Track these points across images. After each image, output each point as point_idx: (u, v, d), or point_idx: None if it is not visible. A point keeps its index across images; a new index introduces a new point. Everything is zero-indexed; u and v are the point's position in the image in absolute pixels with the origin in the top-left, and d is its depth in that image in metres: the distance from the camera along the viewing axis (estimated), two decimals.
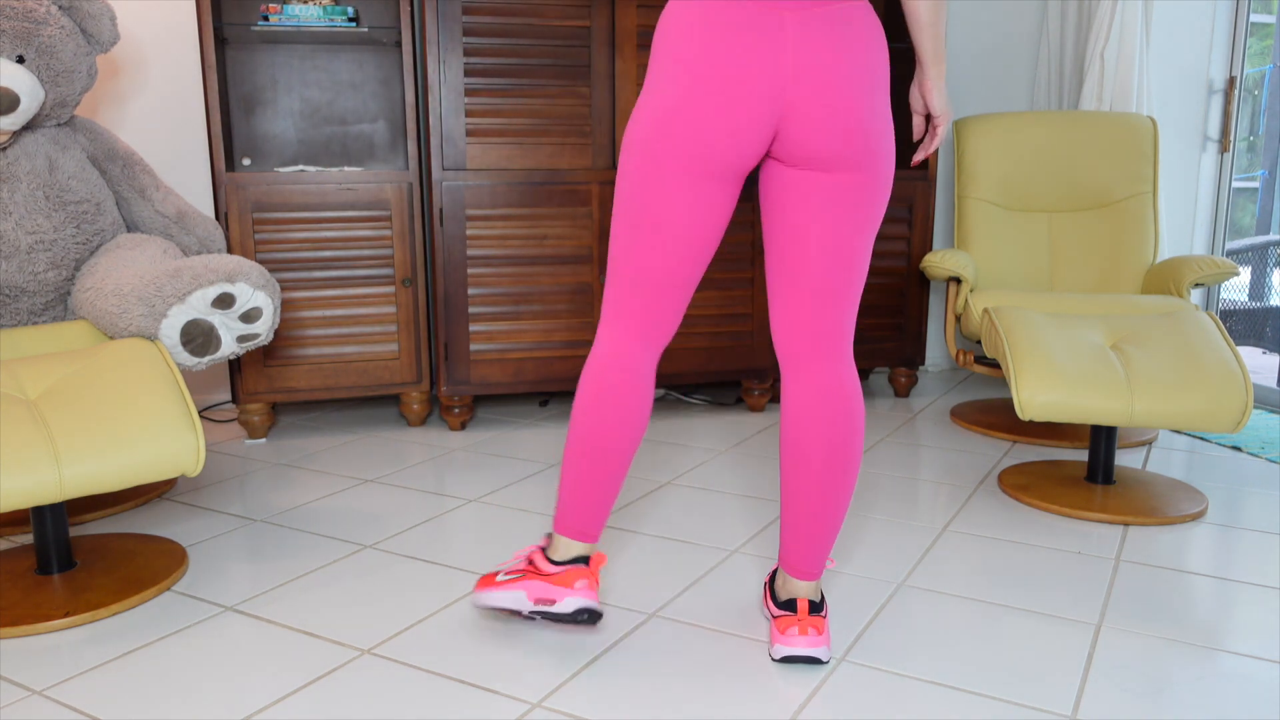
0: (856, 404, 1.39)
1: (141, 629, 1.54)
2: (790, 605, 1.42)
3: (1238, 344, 3.66)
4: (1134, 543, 1.89)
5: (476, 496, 2.18)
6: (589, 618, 1.41)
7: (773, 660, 1.43)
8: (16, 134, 1.91)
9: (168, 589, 1.70)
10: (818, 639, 1.39)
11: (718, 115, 1.26)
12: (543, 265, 2.70)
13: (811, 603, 1.42)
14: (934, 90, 1.45)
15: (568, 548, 1.44)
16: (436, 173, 2.58)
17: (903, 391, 3.19)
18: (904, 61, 3.19)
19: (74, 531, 2.00)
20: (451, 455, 2.52)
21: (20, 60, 1.86)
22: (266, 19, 2.56)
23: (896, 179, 2.99)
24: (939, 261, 2.67)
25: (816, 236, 1.34)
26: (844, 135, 1.29)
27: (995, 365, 2.61)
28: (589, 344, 2.76)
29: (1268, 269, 3.69)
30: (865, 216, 1.35)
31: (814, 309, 1.37)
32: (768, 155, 1.35)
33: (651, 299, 1.38)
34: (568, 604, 1.39)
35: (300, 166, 2.85)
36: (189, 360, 1.75)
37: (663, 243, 1.34)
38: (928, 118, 1.49)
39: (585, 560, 1.44)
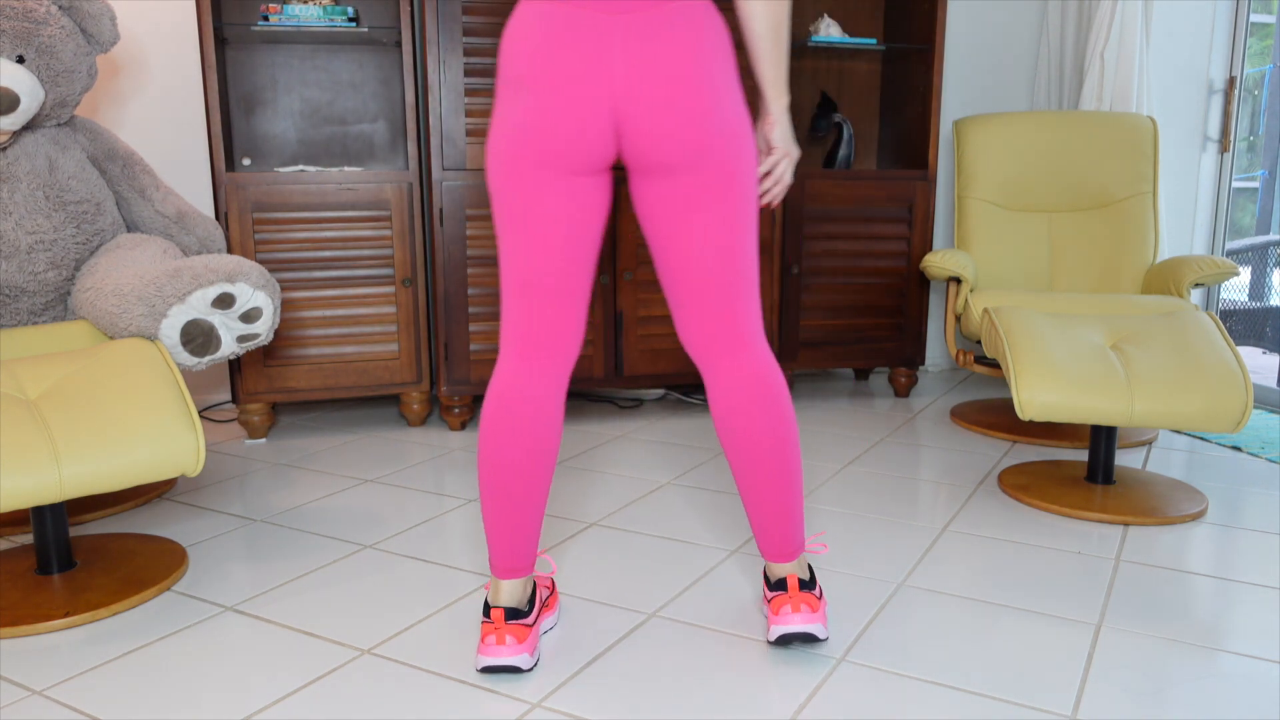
0: (775, 386, 1.40)
1: (141, 629, 1.54)
2: (782, 585, 1.43)
3: (1238, 344, 3.66)
4: (1134, 543, 1.89)
5: (476, 496, 2.18)
6: (501, 671, 1.38)
7: (771, 645, 1.43)
8: (16, 134, 1.91)
9: (168, 589, 1.70)
10: (812, 615, 1.39)
11: (562, 118, 1.26)
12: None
13: (801, 580, 1.43)
14: (774, 124, 1.40)
15: (499, 590, 1.41)
16: (436, 173, 2.58)
17: (903, 391, 3.19)
18: (903, 60, 3.19)
19: (74, 531, 2.00)
20: (451, 455, 2.52)
21: (20, 60, 1.86)
22: (266, 19, 2.56)
23: (898, 179, 2.99)
24: (939, 261, 2.67)
25: (687, 241, 1.35)
26: (678, 141, 1.29)
27: (995, 365, 2.61)
28: (589, 344, 2.76)
29: (1268, 269, 3.69)
30: (729, 212, 1.35)
31: (707, 309, 1.39)
32: (629, 165, 1.36)
33: (544, 310, 1.36)
34: (478, 661, 1.38)
35: (300, 166, 2.86)
36: (189, 360, 1.75)
37: (543, 243, 1.33)
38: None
39: (517, 603, 1.41)
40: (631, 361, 2.80)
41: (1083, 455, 2.53)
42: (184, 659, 1.44)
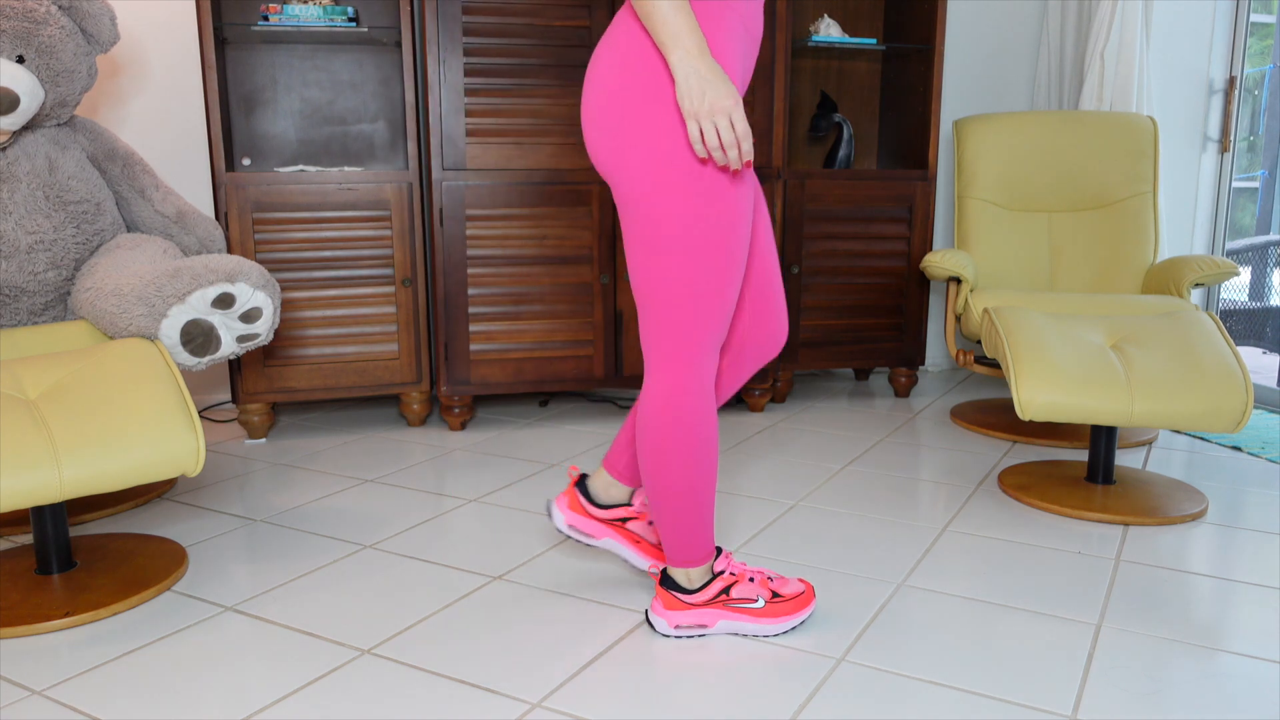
0: (646, 416, 1.42)
1: (141, 629, 1.54)
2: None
3: (1238, 344, 3.66)
4: (1134, 543, 1.89)
5: (476, 496, 2.18)
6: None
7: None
8: (16, 134, 1.91)
9: (168, 589, 1.70)
10: (656, 604, 1.52)
11: None
12: (543, 265, 2.70)
13: (665, 573, 1.51)
14: (675, 82, 1.26)
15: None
16: (436, 173, 2.58)
17: (903, 391, 3.19)
18: (903, 60, 3.19)
19: (74, 531, 2.00)
20: (451, 455, 2.52)
21: (20, 60, 1.86)
22: (266, 19, 2.55)
23: (898, 179, 2.99)
24: (939, 261, 2.67)
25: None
26: (593, 159, 1.37)
27: (995, 365, 2.61)
28: (589, 344, 2.77)
29: (1268, 269, 3.69)
30: (630, 235, 1.37)
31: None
32: None
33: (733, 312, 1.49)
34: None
35: (300, 166, 2.85)
36: (189, 360, 1.75)
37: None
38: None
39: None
40: (632, 361, 2.80)
41: (1083, 455, 2.53)
42: (184, 659, 1.44)
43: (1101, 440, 2.16)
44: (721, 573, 1.51)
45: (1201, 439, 2.67)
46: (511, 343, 2.71)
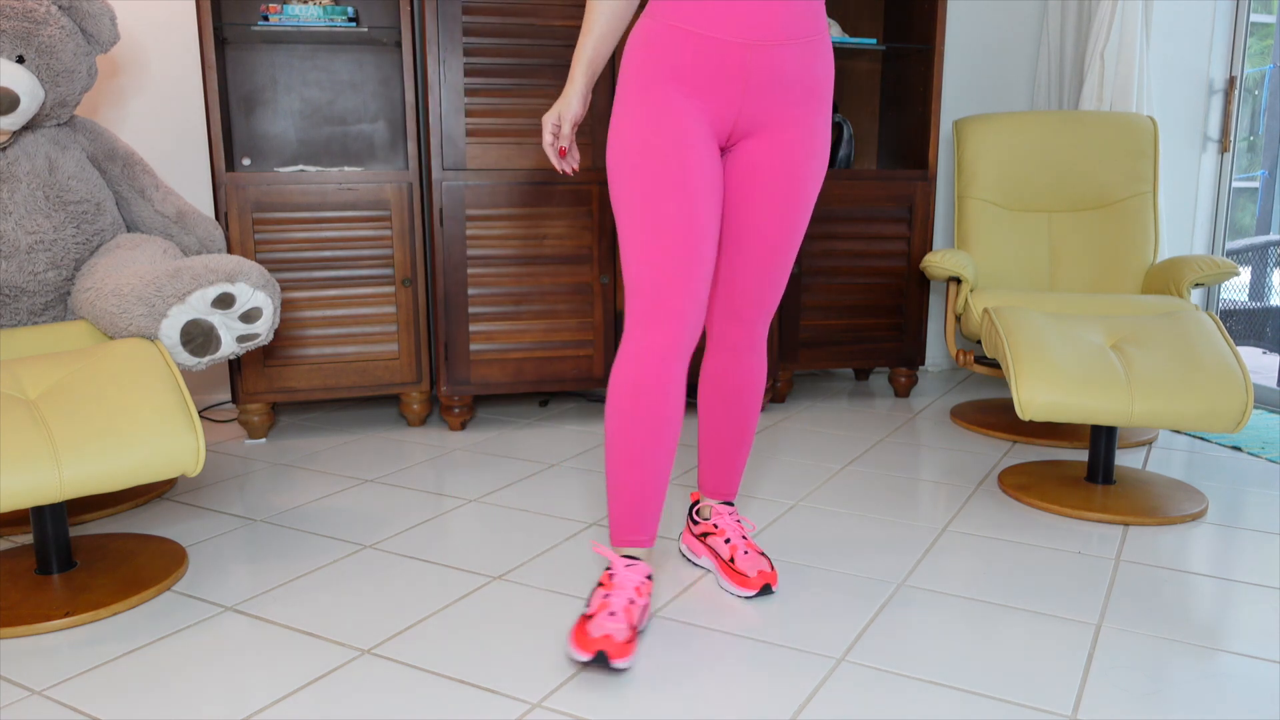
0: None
1: (141, 629, 1.54)
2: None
3: (1238, 344, 3.66)
4: (1134, 543, 1.89)
5: (476, 496, 2.18)
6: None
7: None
8: (16, 134, 1.91)
9: (168, 589, 1.70)
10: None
11: None
12: (543, 265, 2.70)
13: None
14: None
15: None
16: (436, 173, 2.58)
17: (903, 391, 3.19)
18: (903, 60, 3.19)
19: (74, 531, 2.00)
20: (451, 455, 2.52)
21: (20, 60, 1.86)
22: (266, 19, 2.55)
23: (898, 179, 2.99)
24: (939, 261, 2.67)
25: None
26: None
27: (995, 365, 2.61)
28: (589, 344, 2.77)
29: (1268, 269, 3.69)
30: None
31: None
32: None
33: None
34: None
35: (300, 166, 2.85)
36: (189, 360, 1.75)
37: None
38: None
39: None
40: None
41: (1083, 455, 2.53)
42: (184, 659, 1.44)
43: (1101, 440, 2.16)
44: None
45: (1201, 439, 2.67)
46: (511, 343, 2.71)
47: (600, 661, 1.34)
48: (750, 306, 1.59)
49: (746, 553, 1.67)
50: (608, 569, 1.50)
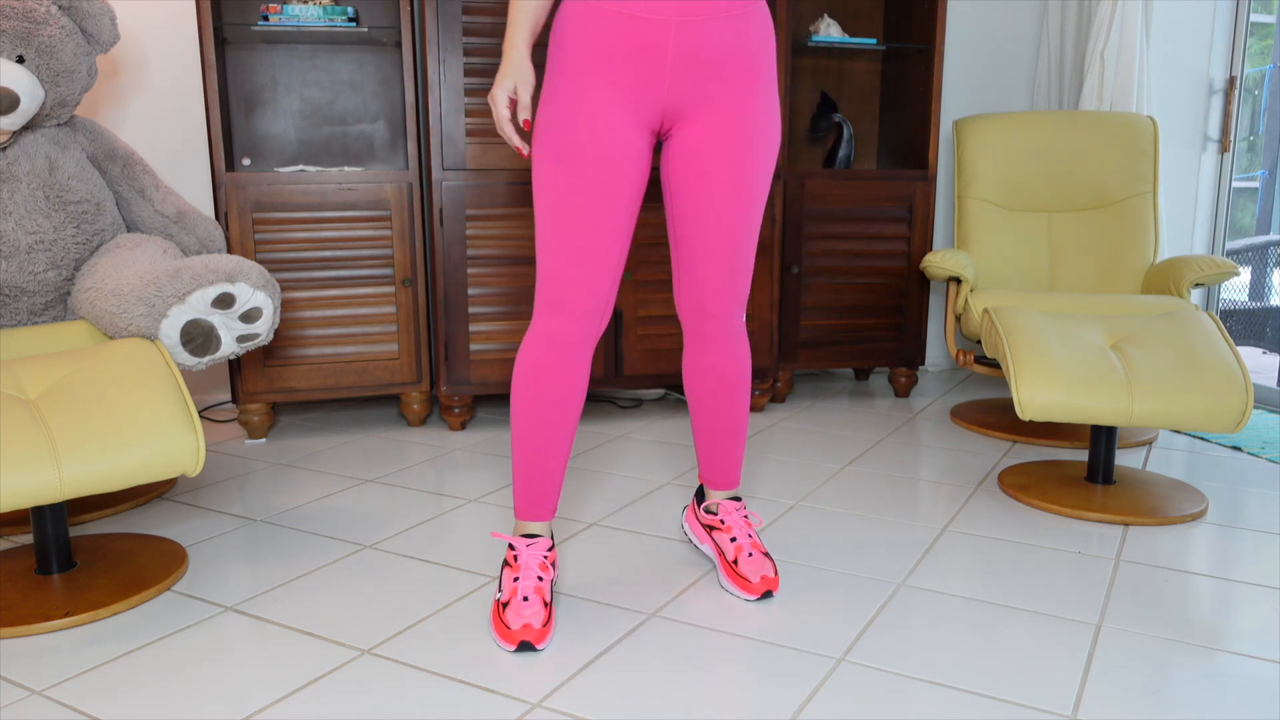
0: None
1: (141, 629, 1.54)
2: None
3: (1238, 344, 3.66)
4: (1134, 543, 1.89)
5: (476, 496, 2.18)
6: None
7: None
8: (16, 134, 1.91)
9: (168, 589, 1.70)
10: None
11: None
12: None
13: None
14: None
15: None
16: (436, 173, 2.58)
17: (903, 391, 3.19)
18: (903, 60, 3.19)
19: (74, 531, 2.00)
20: (451, 455, 2.52)
21: (20, 60, 1.86)
22: (266, 19, 2.55)
23: (898, 179, 2.99)
24: (939, 261, 2.67)
25: None
26: None
27: (995, 365, 2.61)
28: None
29: (1268, 269, 3.69)
30: None
31: None
32: None
33: None
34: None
35: (300, 166, 2.85)
36: (189, 360, 1.75)
37: None
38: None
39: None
40: (631, 361, 2.80)
41: (1083, 455, 2.53)
42: (184, 659, 1.44)
43: (1101, 440, 2.16)
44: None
45: (1201, 439, 2.67)
46: (511, 343, 2.71)
47: (524, 649, 1.45)
48: (718, 299, 1.57)
49: (751, 555, 1.65)
50: (510, 549, 1.55)
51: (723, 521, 1.71)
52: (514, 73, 1.40)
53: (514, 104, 1.43)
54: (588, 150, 1.41)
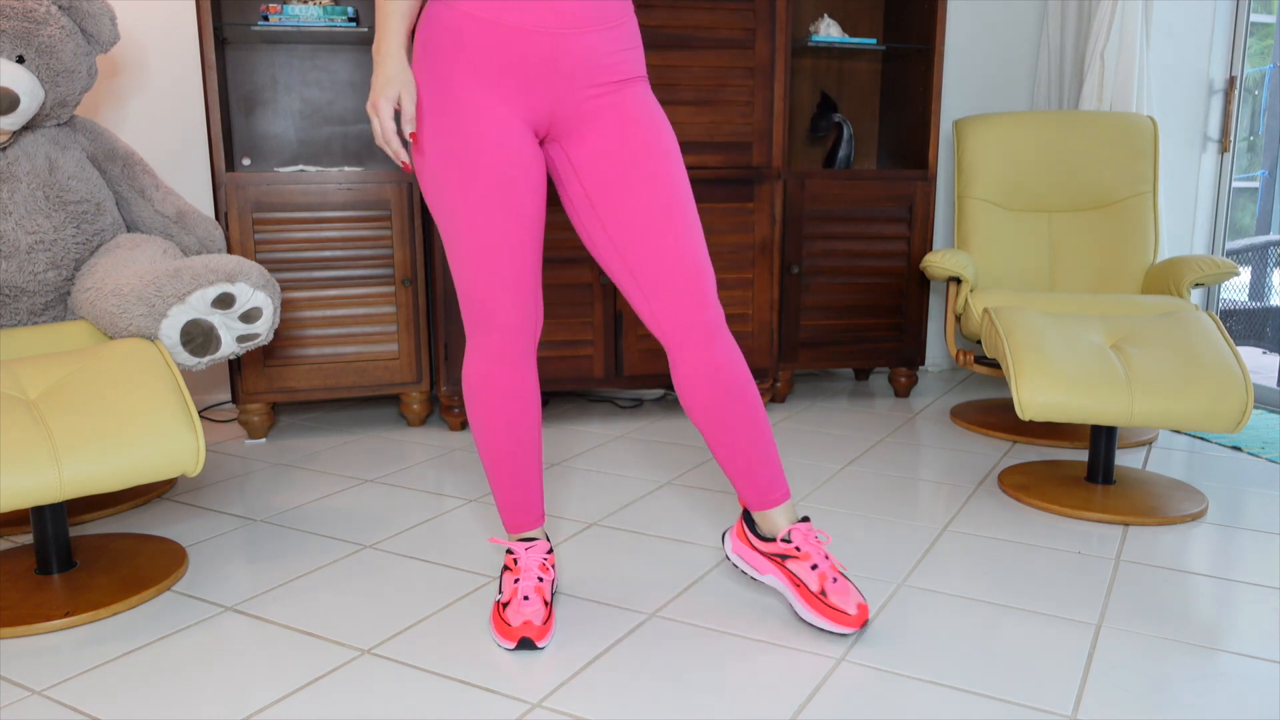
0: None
1: (141, 629, 1.54)
2: None
3: (1238, 344, 3.66)
4: (1134, 543, 1.89)
5: (476, 496, 2.18)
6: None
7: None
8: (16, 134, 1.91)
9: (168, 589, 1.70)
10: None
11: None
12: (543, 265, 2.70)
13: None
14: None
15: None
16: None
17: (903, 391, 3.19)
18: (903, 60, 3.19)
19: (74, 531, 2.00)
20: (451, 455, 2.52)
21: (20, 60, 1.86)
22: (266, 19, 2.56)
23: (898, 179, 3.00)
24: (939, 261, 2.67)
25: None
26: None
27: (995, 365, 2.61)
28: (589, 344, 2.76)
29: (1268, 269, 3.69)
30: None
31: None
32: None
33: None
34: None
35: (300, 166, 2.85)
36: (189, 360, 1.75)
37: None
38: None
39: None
40: (632, 362, 2.80)
41: (1083, 455, 2.53)
42: (184, 659, 1.44)
43: (1101, 440, 2.16)
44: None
45: (1201, 439, 2.67)
46: None
47: (525, 646, 1.45)
48: (684, 312, 1.43)
49: (836, 580, 1.49)
50: (509, 554, 1.56)
51: (799, 549, 1.52)
52: (397, 80, 1.31)
53: (396, 114, 1.35)
54: (486, 166, 1.35)
